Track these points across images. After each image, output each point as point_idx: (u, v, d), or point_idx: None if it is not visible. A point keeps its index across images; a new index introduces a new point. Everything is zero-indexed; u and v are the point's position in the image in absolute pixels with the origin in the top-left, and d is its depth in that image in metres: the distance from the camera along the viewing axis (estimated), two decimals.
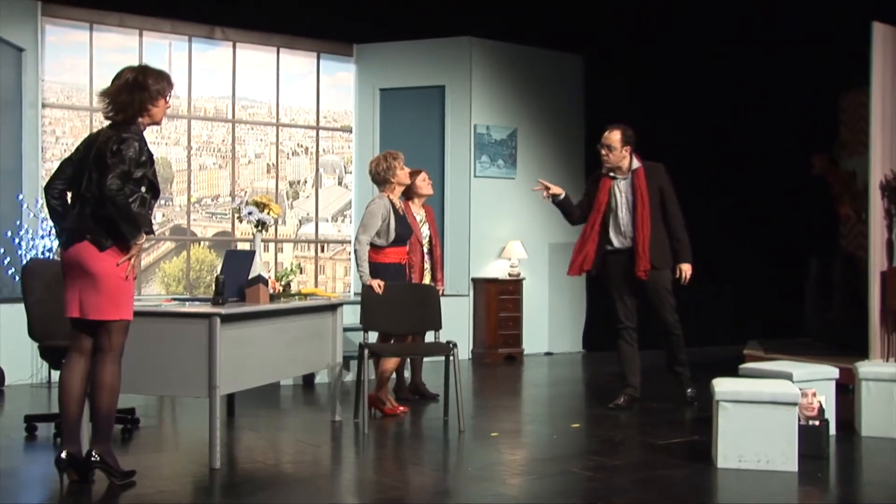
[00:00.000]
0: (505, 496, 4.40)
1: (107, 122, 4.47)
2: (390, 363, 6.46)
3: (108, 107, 4.41)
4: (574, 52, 10.62)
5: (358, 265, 6.33)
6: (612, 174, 6.74)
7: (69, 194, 4.42)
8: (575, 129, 10.68)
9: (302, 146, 10.26)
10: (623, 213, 6.68)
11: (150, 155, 4.39)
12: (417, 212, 7.03)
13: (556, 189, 6.84)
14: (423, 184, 7.10)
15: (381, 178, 6.54)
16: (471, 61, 10.04)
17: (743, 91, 10.65)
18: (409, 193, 7.00)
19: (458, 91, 10.05)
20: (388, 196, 6.49)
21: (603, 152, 6.74)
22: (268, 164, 10.04)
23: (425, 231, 7.02)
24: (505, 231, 10.15)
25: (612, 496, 4.33)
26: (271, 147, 10.05)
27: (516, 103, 10.33)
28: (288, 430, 6.11)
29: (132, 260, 4.34)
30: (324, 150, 10.38)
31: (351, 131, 10.41)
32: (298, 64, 10.19)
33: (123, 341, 4.39)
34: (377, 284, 6.21)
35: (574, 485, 4.62)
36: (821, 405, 5.12)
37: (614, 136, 6.74)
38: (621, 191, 6.71)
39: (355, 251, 6.38)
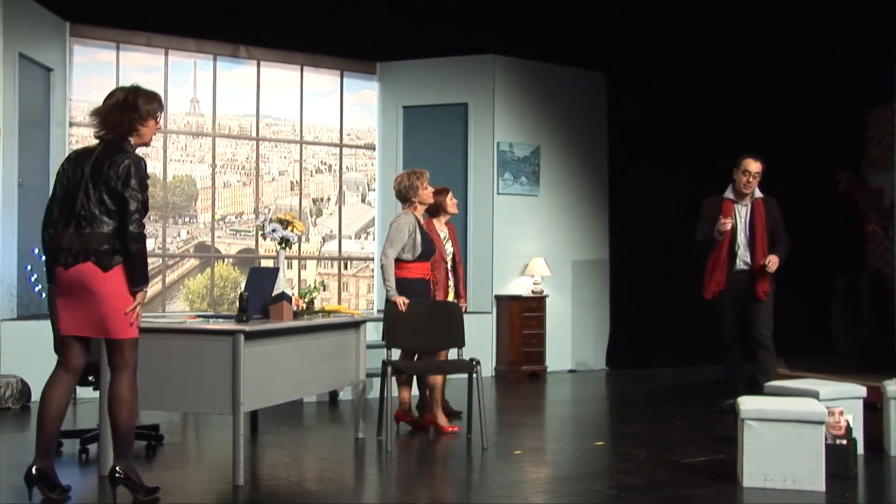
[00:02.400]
0: None
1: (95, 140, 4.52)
2: (438, 379, 6.47)
3: (99, 125, 4.47)
4: (597, 69, 10.62)
5: (385, 279, 6.36)
6: (734, 199, 7.14)
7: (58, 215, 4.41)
8: (597, 145, 10.67)
9: (325, 164, 10.30)
10: (741, 238, 7.09)
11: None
12: (441, 229, 7.04)
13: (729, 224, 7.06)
14: (451, 202, 7.14)
15: (403, 195, 6.58)
16: (494, 79, 10.06)
17: (768, 108, 10.60)
18: (434, 211, 7.02)
19: (481, 108, 10.07)
20: (412, 213, 6.53)
21: (745, 179, 7.08)
22: (291, 182, 10.09)
23: (449, 248, 7.03)
24: (528, 248, 10.14)
25: None
26: (295, 164, 10.10)
27: (539, 120, 10.33)
28: (311, 447, 6.11)
29: (137, 309, 4.35)
30: (347, 168, 10.42)
31: (374, 149, 10.45)
32: (322, 82, 10.25)
33: (136, 356, 4.41)
34: (402, 302, 6.23)
35: (597, 503, 4.58)
36: (848, 424, 5.06)
37: (759, 167, 7.11)
38: (741, 216, 7.12)
39: (382, 266, 6.40)
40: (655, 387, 9.10)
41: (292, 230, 6.00)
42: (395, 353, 6.20)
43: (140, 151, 4.59)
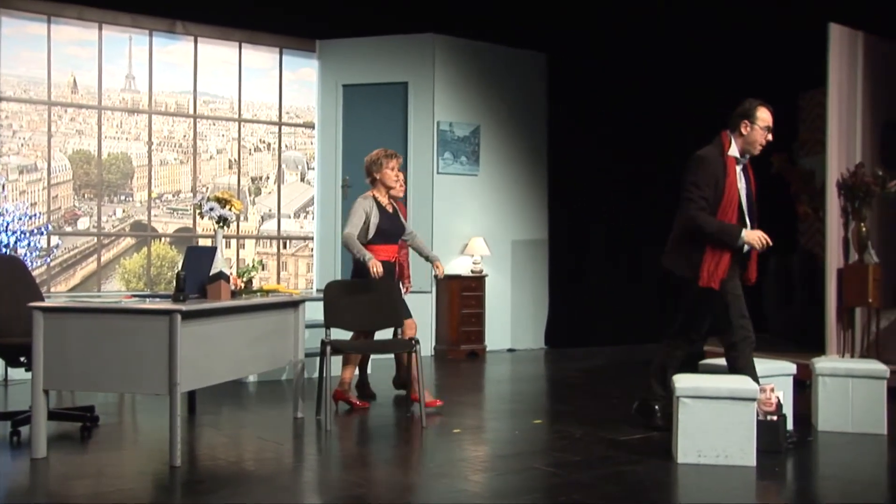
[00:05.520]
0: (467, 493, 4.41)
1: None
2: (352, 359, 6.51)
3: None
4: (537, 49, 10.65)
5: (353, 252, 6.31)
6: (738, 157, 5.53)
7: None
8: (537, 126, 10.73)
9: (264, 142, 10.20)
10: (745, 205, 5.52)
11: None
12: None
13: None
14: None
15: (368, 169, 6.62)
16: (434, 58, 10.04)
17: (704, 90, 10.74)
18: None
19: (421, 87, 10.05)
20: (374, 195, 6.54)
21: (765, 135, 5.51)
22: (230, 160, 9.98)
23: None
24: (468, 228, 10.17)
25: (574, 492, 4.35)
26: (233, 143, 9.98)
27: (479, 100, 10.35)
28: (250, 427, 6.08)
29: None
30: (286, 146, 10.33)
31: (313, 127, 10.37)
32: (261, 59, 10.13)
33: None
34: (374, 265, 6.18)
35: (536, 481, 4.64)
36: (779, 400, 5.18)
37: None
38: (740, 177, 5.53)
39: (344, 243, 6.37)
40: (593, 365, 9.22)
41: (230, 209, 5.94)
42: (335, 333, 6.18)
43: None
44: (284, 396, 7.13)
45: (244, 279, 5.79)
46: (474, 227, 10.23)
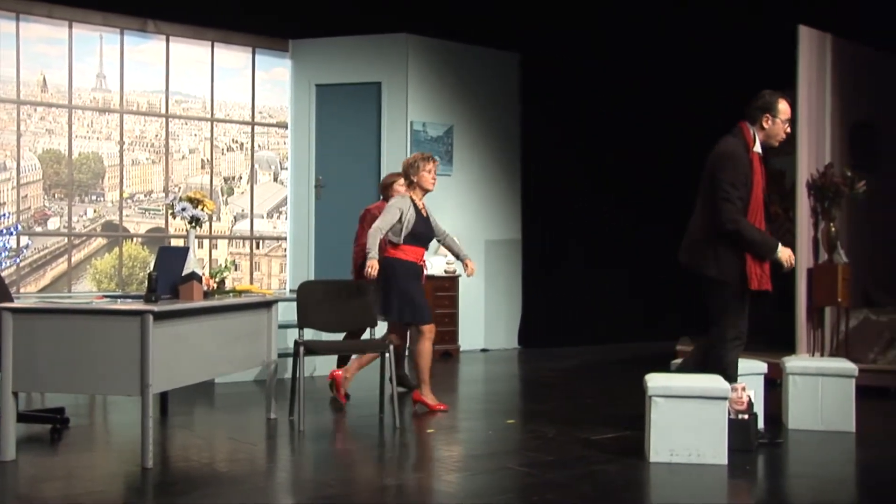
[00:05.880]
0: (441, 493, 4.42)
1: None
2: (426, 359, 6.46)
3: None
4: (510, 49, 10.68)
5: (368, 247, 6.25)
6: (760, 152, 5.39)
7: None
8: (510, 126, 10.75)
9: (237, 142, 10.16)
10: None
11: None
12: None
13: None
14: (401, 189, 7.16)
15: (406, 172, 6.58)
16: (407, 58, 10.04)
17: (675, 90, 10.82)
18: (386, 195, 7.14)
19: (394, 87, 10.04)
20: (411, 196, 6.51)
21: (785, 128, 5.42)
22: (202, 160, 9.92)
23: None
24: (441, 227, 10.15)
25: (547, 492, 4.37)
26: (206, 142, 9.93)
27: (452, 100, 10.35)
28: (222, 428, 6.05)
29: None
30: (259, 146, 10.29)
31: (286, 127, 10.34)
32: (233, 59, 10.09)
33: None
34: (371, 266, 6.15)
35: (509, 481, 4.65)
36: (750, 399, 5.22)
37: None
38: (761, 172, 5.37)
39: (369, 235, 6.34)
40: (567, 365, 9.25)
41: (203, 209, 5.91)
42: (307, 333, 6.16)
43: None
44: (257, 397, 7.10)
45: (217, 279, 5.76)
46: (448, 227, 10.13)
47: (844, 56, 8.15)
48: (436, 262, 10.06)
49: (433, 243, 10.00)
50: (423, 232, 6.48)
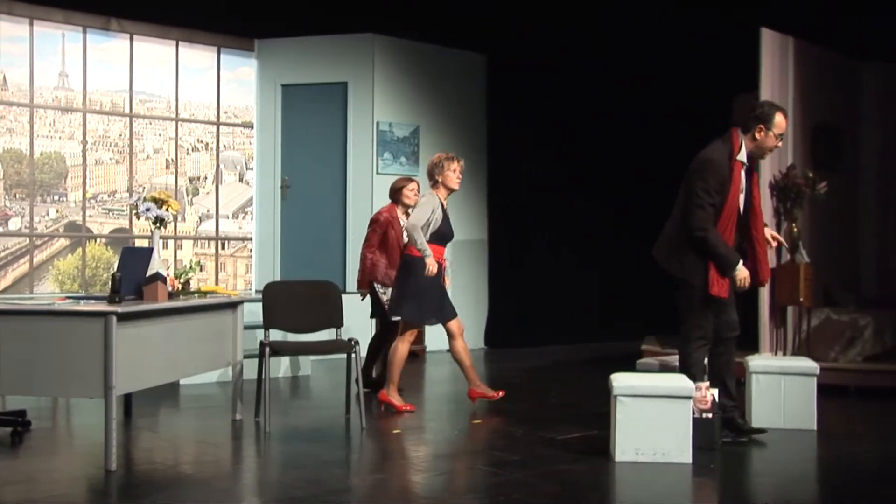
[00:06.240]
0: (407, 493, 4.42)
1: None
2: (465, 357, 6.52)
3: None
4: (476, 50, 10.69)
5: (416, 242, 6.28)
6: (744, 163, 5.38)
7: None
8: (477, 126, 10.77)
9: (202, 142, 10.09)
10: (740, 207, 5.44)
11: None
12: (401, 217, 7.21)
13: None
14: (410, 194, 7.25)
15: (430, 172, 6.58)
16: (374, 58, 10.02)
17: (641, 92, 10.89)
18: (396, 199, 7.22)
19: (360, 88, 10.02)
20: (437, 194, 6.53)
21: (776, 143, 5.40)
22: (167, 160, 9.85)
23: (405, 238, 7.13)
24: None
25: (513, 491, 4.38)
26: (170, 142, 9.86)
27: (419, 100, 10.35)
28: (188, 430, 6.01)
29: None
30: (224, 146, 10.23)
31: (252, 127, 10.29)
32: (198, 58, 10.02)
33: None
34: (431, 264, 6.22)
35: (476, 481, 4.66)
36: (714, 398, 5.27)
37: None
38: (742, 180, 5.40)
39: (408, 232, 6.36)
40: (533, 365, 9.28)
41: (167, 209, 5.87)
42: (273, 334, 6.13)
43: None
44: (223, 399, 7.05)
45: (182, 280, 5.72)
46: None
47: (806, 58, 8.25)
48: None
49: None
50: (446, 232, 6.54)
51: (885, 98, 9.41)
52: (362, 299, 7.44)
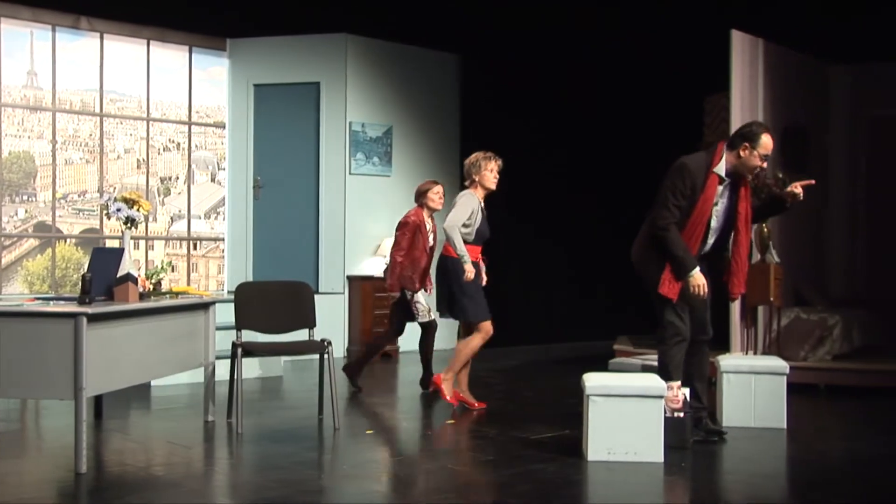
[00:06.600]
0: (379, 494, 4.41)
1: None
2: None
3: None
4: (449, 51, 10.70)
5: (454, 244, 6.29)
6: (722, 175, 5.39)
7: None
8: (450, 127, 10.78)
9: (174, 141, 10.03)
10: (714, 223, 5.45)
11: None
12: (427, 220, 7.28)
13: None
14: (435, 197, 7.31)
15: (468, 171, 6.59)
16: (346, 58, 10.00)
17: (613, 94, 10.94)
18: (421, 202, 7.29)
19: (333, 88, 10.00)
20: (475, 193, 6.53)
21: (760, 164, 5.41)
22: (138, 160, 9.78)
23: (431, 241, 7.30)
24: (380, 228, 10.15)
25: (486, 491, 4.39)
26: (141, 142, 9.79)
27: (392, 101, 10.35)
28: (159, 431, 5.97)
29: None
30: (196, 146, 10.18)
31: (224, 127, 10.24)
32: (170, 57, 9.95)
33: None
34: (469, 270, 6.27)
35: (448, 481, 4.66)
36: (685, 397, 5.31)
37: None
38: (720, 195, 5.42)
39: (447, 232, 6.33)
40: (506, 365, 9.29)
41: (138, 209, 5.83)
42: (246, 335, 6.10)
43: None
44: (195, 400, 7.01)
45: (153, 281, 5.69)
46: (387, 228, 10.18)
47: (776, 60, 8.33)
48: (374, 263, 10.05)
49: (373, 243, 10.02)
50: (484, 231, 6.56)
51: (852, 100, 9.53)
52: (395, 301, 7.50)
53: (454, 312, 6.54)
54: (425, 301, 7.39)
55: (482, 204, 6.57)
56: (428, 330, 7.51)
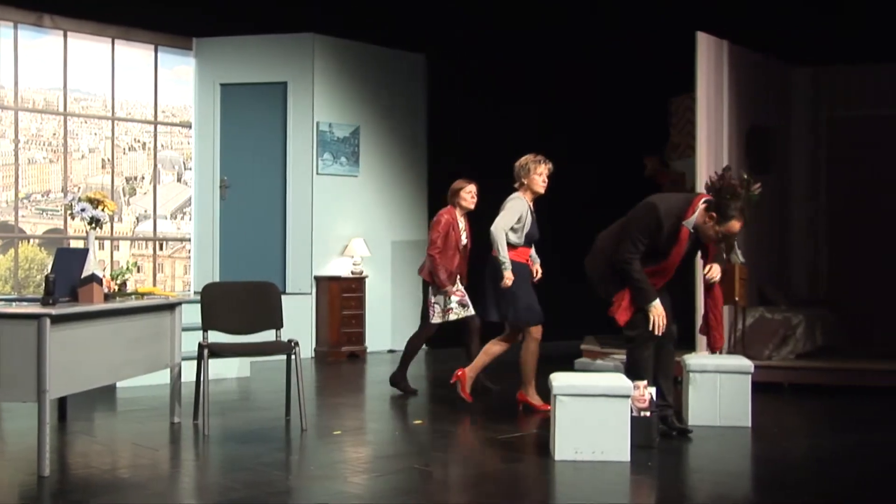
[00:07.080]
0: (347, 494, 4.41)
1: None
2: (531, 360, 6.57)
3: None
4: (417, 51, 10.70)
5: (498, 249, 6.29)
6: (692, 231, 5.50)
7: None
8: (417, 127, 10.78)
9: (139, 141, 9.95)
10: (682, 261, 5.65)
11: None
12: (460, 219, 7.33)
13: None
14: (468, 196, 7.37)
15: (517, 173, 6.58)
16: (313, 58, 9.97)
17: (578, 95, 10.99)
18: (453, 202, 7.33)
19: (300, 87, 9.96)
20: (524, 196, 6.50)
21: (721, 239, 5.58)
22: (103, 160, 9.69)
23: (464, 240, 7.36)
24: (347, 229, 10.14)
25: (452, 491, 4.40)
26: (106, 142, 9.70)
27: (359, 101, 10.33)
28: (124, 433, 5.92)
29: None
30: (162, 146, 10.10)
31: (190, 127, 10.17)
32: (135, 56, 9.87)
33: None
34: (508, 277, 6.27)
35: (416, 481, 4.67)
36: (651, 397, 5.34)
37: None
38: (689, 239, 5.53)
39: (492, 235, 6.33)
40: None
41: (103, 209, 5.78)
42: (212, 336, 6.07)
43: None
44: (161, 401, 6.95)
45: (118, 281, 5.64)
46: (354, 228, 10.20)
47: (741, 62, 8.41)
48: (342, 264, 10.03)
49: (340, 244, 10.00)
50: (533, 234, 6.56)
51: (814, 102, 9.65)
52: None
53: (503, 313, 6.48)
54: (444, 303, 7.35)
55: (531, 206, 6.55)
56: (469, 326, 7.55)
